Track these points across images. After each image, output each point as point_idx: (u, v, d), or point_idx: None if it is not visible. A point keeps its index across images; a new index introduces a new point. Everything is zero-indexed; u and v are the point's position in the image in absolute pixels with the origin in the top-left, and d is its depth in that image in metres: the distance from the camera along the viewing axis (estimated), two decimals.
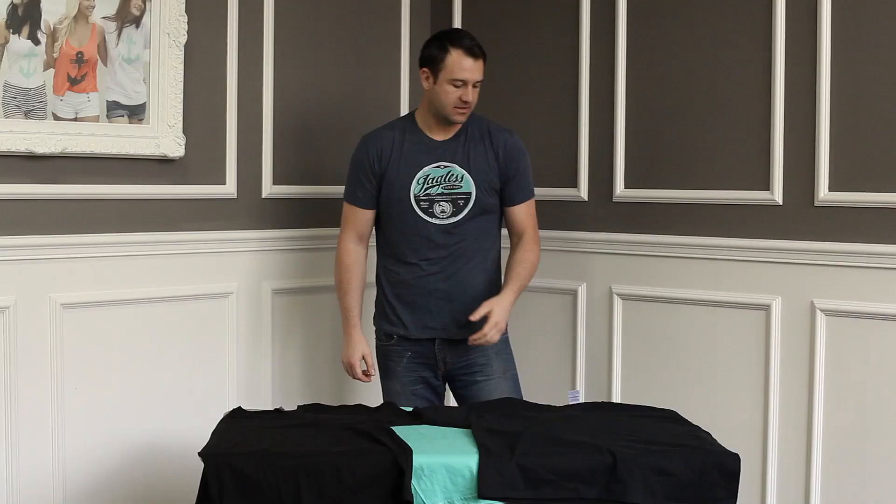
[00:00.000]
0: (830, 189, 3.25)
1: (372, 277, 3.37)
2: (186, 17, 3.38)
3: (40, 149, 3.09)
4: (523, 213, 3.25)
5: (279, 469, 2.38)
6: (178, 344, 3.46)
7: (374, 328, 3.36)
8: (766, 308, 3.37)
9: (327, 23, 3.85)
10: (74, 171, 3.20)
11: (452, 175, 3.16)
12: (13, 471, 3.11)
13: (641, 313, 3.66)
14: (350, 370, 3.30)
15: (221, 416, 2.79)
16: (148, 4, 3.30)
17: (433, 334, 3.22)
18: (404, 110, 4.08)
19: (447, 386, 3.32)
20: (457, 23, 4.09)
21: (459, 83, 3.10)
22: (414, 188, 3.16)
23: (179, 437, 3.39)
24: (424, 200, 3.16)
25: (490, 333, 3.05)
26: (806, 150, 3.29)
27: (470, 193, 3.16)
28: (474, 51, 3.12)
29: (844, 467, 3.24)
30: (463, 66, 3.09)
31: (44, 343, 3.16)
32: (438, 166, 3.15)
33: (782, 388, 3.35)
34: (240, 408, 2.87)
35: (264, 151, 3.67)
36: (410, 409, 2.85)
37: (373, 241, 3.38)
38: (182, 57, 3.38)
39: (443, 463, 2.42)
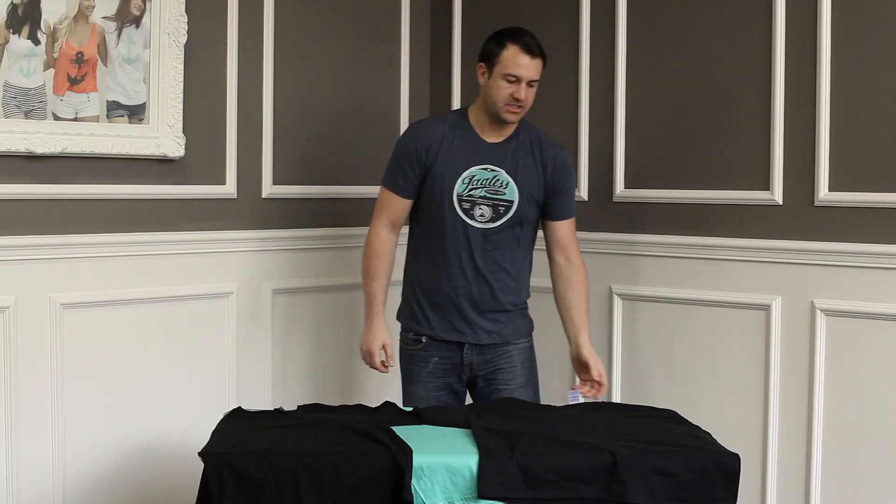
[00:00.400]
0: (830, 189, 3.25)
1: (399, 275, 3.32)
2: (186, 17, 3.38)
3: (40, 149, 3.09)
4: (566, 230, 3.20)
5: (279, 469, 2.38)
6: (178, 344, 3.46)
7: (400, 327, 3.29)
8: (766, 308, 3.37)
9: (327, 23, 3.85)
10: (74, 171, 3.21)
11: (498, 180, 3.10)
12: (13, 471, 3.11)
13: (641, 313, 3.66)
14: (369, 358, 3.21)
15: (221, 416, 2.79)
16: (148, 4, 3.30)
17: (461, 338, 3.15)
18: (404, 110, 4.09)
19: (468, 391, 3.26)
20: (456, 23, 4.09)
21: (513, 79, 3.03)
22: (458, 187, 3.09)
23: (179, 437, 3.39)
24: (467, 201, 3.09)
25: (604, 387, 3.15)
26: (806, 150, 3.29)
27: (512, 202, 3.10)
28: (532, 48, 3.05)
29: (844, 467, 3.24)
30: (518, 61, 3.03)
31: (44, 343, 3.16)
32: (486, 168, 3.09)
33: (782, 388, 3.35)
34: (240, 408, 2.87)
35: (264, 151, 3.68)
36: (410, 409, 2.85)
37: (402, 241, 3.32)
38: (182, 57, 3.38)
39: (443, 463, 2.42)
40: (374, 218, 3.23)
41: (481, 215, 3.09)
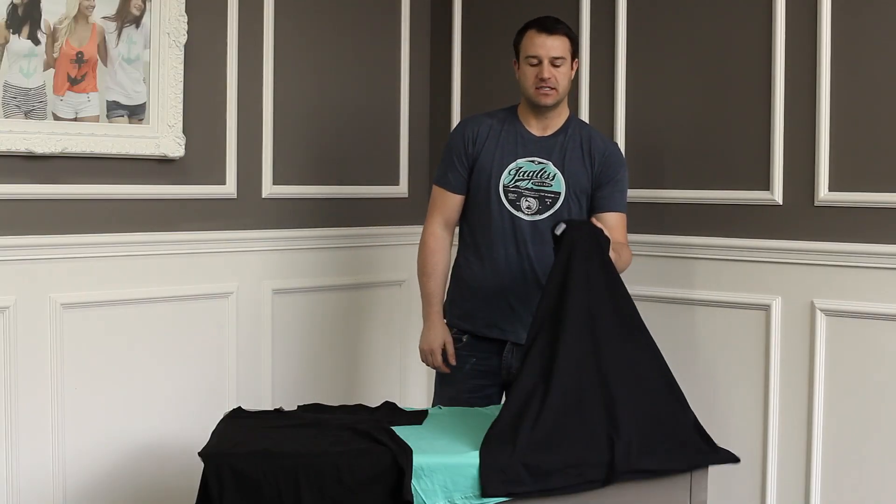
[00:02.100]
0: (830, 189, 3.25)
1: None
2: (186, 17, 3.38)
3: (40, 149, 3.09)
4: (614, 221, 3.06)
5: (279, 469, 2.38)
6: (179, 344, 3.46)
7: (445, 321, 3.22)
8: (766, 308, 3.37)
9: (327, 23, 3.85)
10: (74, 171, 3.21)
11: (545, 172, 3.07)
12: (13, 471, 3.11)
13: (642, 313, 3.64)
14: (430, 357, 3.13)
15: (221, 416, 2.79)
16: (148, 4, 3.30)
17: (503, 335, 3.11)
18: (404, 110, 4.09)
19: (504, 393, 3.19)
20: (456, 23, 4.09)
21: (535, 60, 3.01)
22: (504, 178, 3.07)
23: (179, 437, 3.39)
24: (513, 192, 3.07)
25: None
26: (806, 150, 3.29)
27: (559, 193, 3.07)
28: (547, 25, 3.03)
29: (844, 467, 3.24)
30: (535, 42, 3.01)
31: (44, 343, 3.16)
32: (533, 161, 3.07)
33: (782, 388, 3.35)
34: (240, 408, 2.87)
35: (264, 151, 3.68)
36: (410, 409, 2.85)
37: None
38: (182, 57, 3.38)
39: (443, 463, 2.42)
40: (428, 217, 3.19)
41: (528, 207, 3.06)
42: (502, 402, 3.07)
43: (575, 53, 3.08)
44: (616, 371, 2.60)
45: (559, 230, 2.74)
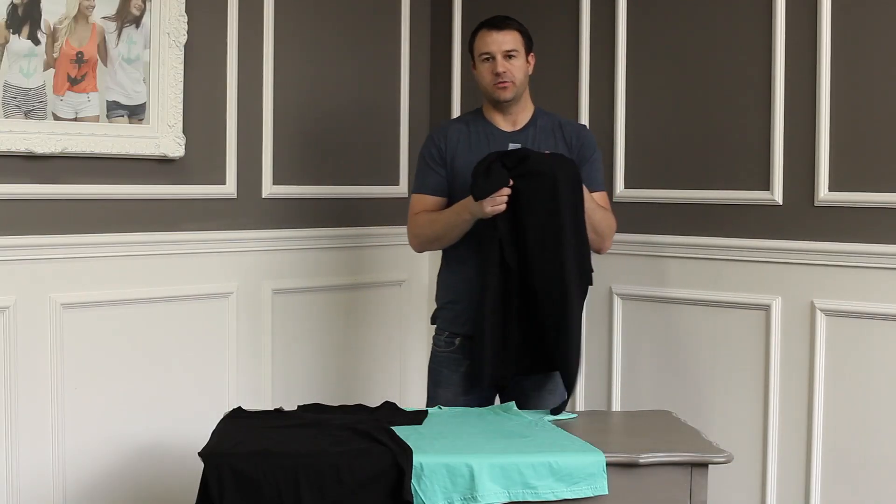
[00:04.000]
0: (830, 189, 3.25)
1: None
2: (186, 17, 3.38)
3: (40, 149, 3.09)
4: (597, 199, 3.08)
5: (279, 469, 2.38)
6: (178, 344, 3.46)
7: (434, 330, 3.21)
8: (766, 308, 3.37)
9: (327, 22, 3.85)
10: (74, 171, 3.21)
11: None
12: (13, 471, 3.11)
13: (641, 313, 3.66)
14: (496, 200, 2.89)
15: (221, 416, 2.79)
16: (148, 4, 3.30)
17: None
18: (404, 110, 4.09)
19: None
20: (457, 23, 4.10)
21: (487, 56, 3.03)
22: None
23: (179, 437, 3.39)
24: None
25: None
26: (806, 150, 3.29)
27: None
28: (495, 22, 3.06)
29: (844, 467, 3.24)
30: (486, 39, 3.04)
31: (44, 343, 3.16)
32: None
33: (782, 388, 3.35)
34: (240, 408, 2.87)
35: (264, 151, 3.68)
36: (410, 409, 2.85)
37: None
38: (182, 57, 3.38)
39: (443, 463, 2.42)
40: (409, 218, 3.15)
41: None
42: (496, 402, 3.09)
43: (529, 48, 3.10)
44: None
45: (512, 146, 2.96)
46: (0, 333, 3.08)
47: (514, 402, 2.93)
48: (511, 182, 2.88)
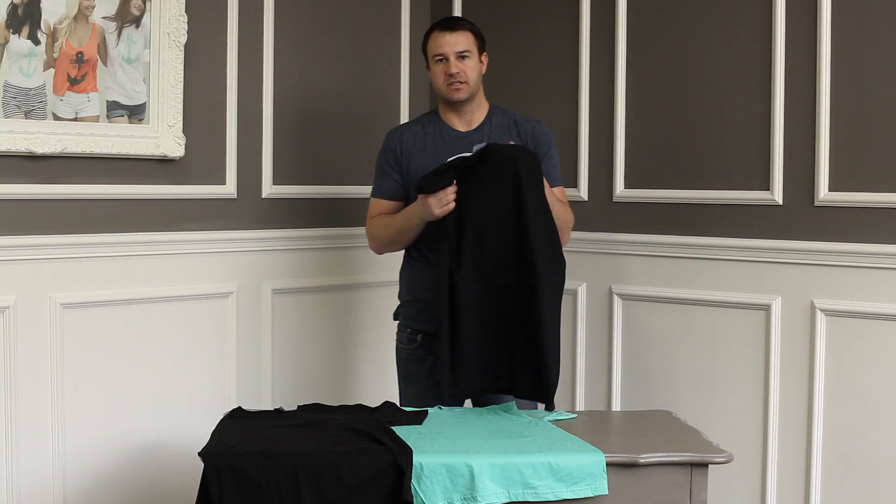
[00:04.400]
0: (830, 189, 3.25)
1: (394, 276, 3.29)
2: (186, 17, 3.38)
3: (40, 149, 3.09)
4: (555, 194, 3.10)
5: (279, 469, 2.38)
6: (179, 344, 3.46)
7: (397, 326, 3.25)
8: (766, 308, 3.37)
9: (327, 22, 3.85)
10: (74, 171, 3.21)
11: None
12: (13, 471, 3.11)
13: (641, 313, 3.66)
14: (441, 202, 2.92)
15: (221, 416, 2.79)
16: (148, 4, 3.30)
17: None
18: (404, 109, 4.09)
19: None
20: None
21: (439, 58, 3.07)
22: None
23: (179, 437, 3.39)
24: None
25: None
26: (806, 150, 3.29)
27: None
28: (446, 23, 3.11)
29: (844, 467, 3.24)
30: (437, 41, 3.08)
31: (44, 343, 3.16)
32: (463, 156, 3.07)
33: (782, 388, 3.35)
34: (240, 408, 2.87)
35: (264, 151, 3.68)
36: (410, 409, 2.85)
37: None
38: (182, 57, 3.38)
39: (443, 463, 2.42)
40: (368, 221, 3.20)
41: None
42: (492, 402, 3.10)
43: (482, 48, 3.12)
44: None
45: (477, 147, 2.95)
46: (0, 333, 3.08)
47: (513, 402, 2.94)
48: (455, 183, 2.90)
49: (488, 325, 2.89)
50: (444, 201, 2.90)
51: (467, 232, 2.89)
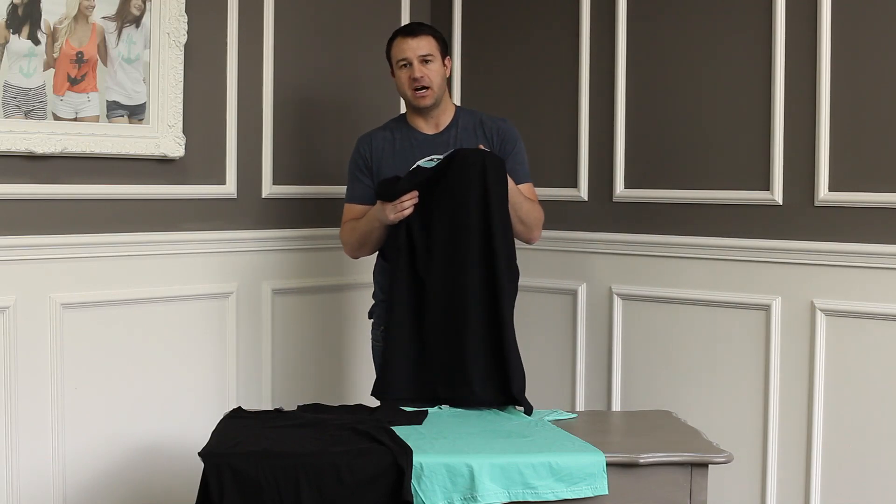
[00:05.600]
0: (830, 189, 3.25)
1: (368, 277, 3.32)
2: (186, 17, 3.38)
3: (40, 149, 3.09)
4: (524, 192, 3.12)
5: (279, 469, 2.39)
6: (179, 344, 3.46)
7: (371, 324, 3.29)
8: (766, 308, 3.37)
9: (327, 23, 3.85)
10: (74, 171, 3.21)
11: None
12: (13, 471, 3.11)
13: (641, 313, 3.66)
14: (396, 208, 2.98)
15: (221, 416, 2.79)
16: (148, 4, 3.31)
17: None
18: (404, 110, 4.08)
19: None
20: (457, 22, 4.09)
21: (403, 63, 3.10)
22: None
23: (179, 437, 3.39)
24: None
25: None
26: (806, 150, 3.29)
27: None
28: (408, 28, 3.14)
29: (844, 467, 3.24)
30: (401, 46, 3.11)
31: (44, 343, 3.16)
32: (431, 160, 3.11)
33: (782, 388, 3.35)
34: (240, 408, 2.87)
35: (264, 151, 3.68)
36: (410, 409, 2.86)
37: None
38: (182, 57, 3.38)
39: (443, 463, 2.42)
40: (342, 227, 3.23)
41: None
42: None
43: (445, 52, 3.16)
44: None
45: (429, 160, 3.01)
46: (0, 333, 3.08)
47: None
48: (415, 189, 2.95)
49: (449, 331, 2.92)
50: (398, 207, 2.96)
51: (430, 235, 2.94)
